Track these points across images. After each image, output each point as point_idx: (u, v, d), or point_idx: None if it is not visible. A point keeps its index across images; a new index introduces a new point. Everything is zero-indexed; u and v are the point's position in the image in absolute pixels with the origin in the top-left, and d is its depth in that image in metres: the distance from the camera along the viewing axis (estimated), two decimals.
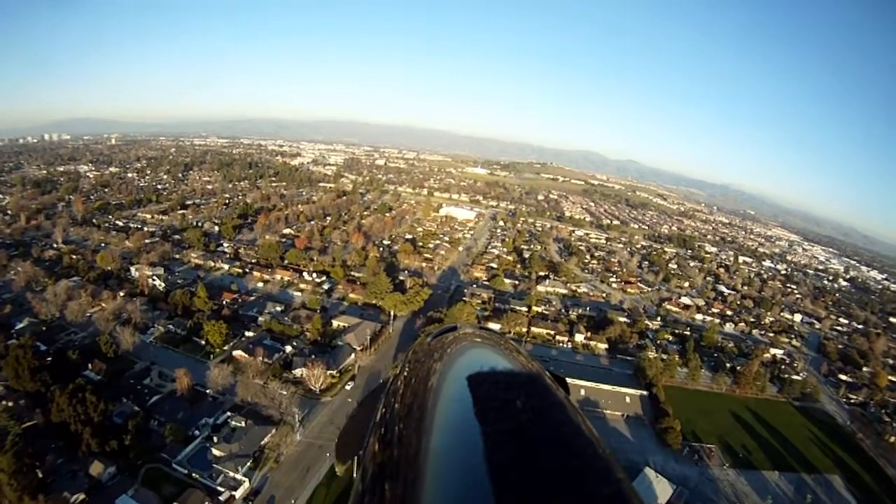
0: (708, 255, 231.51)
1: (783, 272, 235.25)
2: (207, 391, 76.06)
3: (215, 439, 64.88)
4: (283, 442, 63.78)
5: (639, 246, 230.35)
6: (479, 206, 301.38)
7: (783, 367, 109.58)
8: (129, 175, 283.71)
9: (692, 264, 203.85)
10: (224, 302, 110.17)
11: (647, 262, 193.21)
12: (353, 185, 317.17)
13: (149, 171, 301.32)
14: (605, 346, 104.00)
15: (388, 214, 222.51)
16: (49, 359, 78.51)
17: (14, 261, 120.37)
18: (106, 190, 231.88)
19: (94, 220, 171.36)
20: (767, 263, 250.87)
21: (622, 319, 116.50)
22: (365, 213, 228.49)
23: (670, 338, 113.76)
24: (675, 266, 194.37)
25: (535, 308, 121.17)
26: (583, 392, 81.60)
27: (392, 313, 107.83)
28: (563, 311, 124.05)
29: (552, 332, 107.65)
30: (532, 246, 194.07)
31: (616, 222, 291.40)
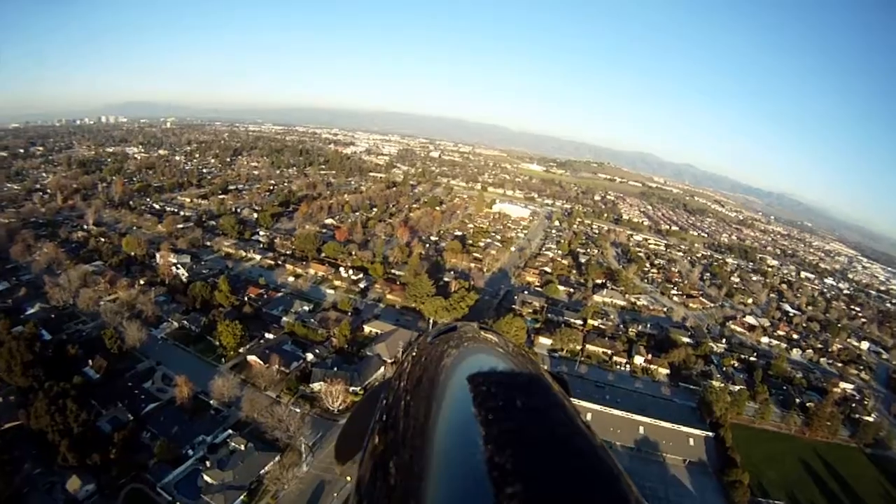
0: (770, 269, 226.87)
1: (846, 292, 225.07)
2: (211, 402, 71.00)
3: (208, 463, 59.10)
4: (287, 474, 56.87)
5: (699, 255, 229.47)
6: (534, 203, 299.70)
7: (853, 405, 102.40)
8: (177, 158, 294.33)
9: (754, 278, 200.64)
10: (248, 297, 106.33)
11: (708, 274, 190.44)
12: (404, 175, 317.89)
13: (197, 155, 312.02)
14: (667, 371, 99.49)
15: (437, 208, 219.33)
16: (50, 351, 76.50)
17: (41, 241, 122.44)
18: (150, 172, 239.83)
19: (130, 203, 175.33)
20: (829, 281, 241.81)
21: (685, 340, 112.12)
22: (414, 205, 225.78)
23: (736, 364, 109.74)
24: (738, 280, 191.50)
25: (590, 322, 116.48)
26: (641, 430, 77.09)
27: (431, 320, 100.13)
28: (621, 326, 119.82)
29: (609, 352, 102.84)
30: (589, 250, 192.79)
31: (675, 228, 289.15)
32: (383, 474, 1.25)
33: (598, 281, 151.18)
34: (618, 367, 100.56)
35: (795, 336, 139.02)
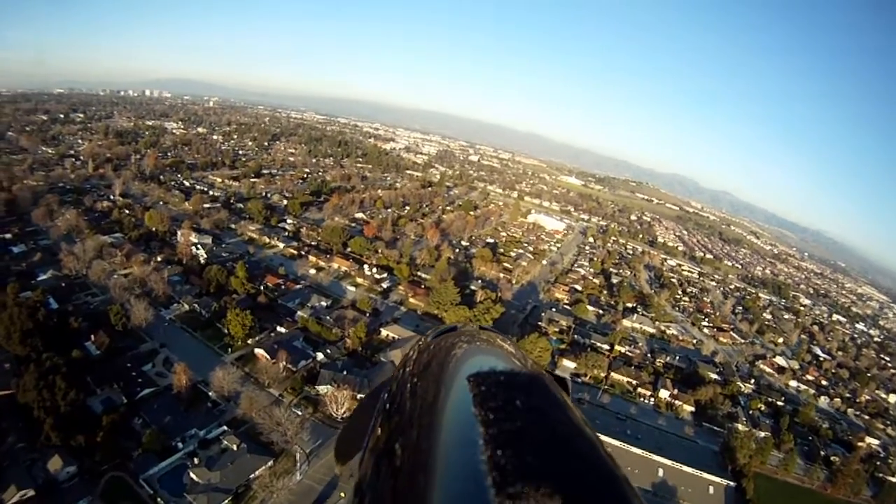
0: (802, 309, 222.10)
1: (877, 339, 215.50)
2: (210, 393, 69.28)
3: (196, 460, 57.06)
4: (278, 482, 54.28)
5: (732, 286, 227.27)
6: (570, 217, 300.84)
7: (878, 462, 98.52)
8: (214, 137, 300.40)
9: (786, 316, 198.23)
10: (265, 286, 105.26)
11: (740, 308, 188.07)
12: (440, 176, 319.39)
13: (235, 136, 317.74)
14: (692, 408, 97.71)
15: (471, 213, 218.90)
16: (55, 320, 76.29)
17: (65, 207, 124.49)
18: (186, 148, 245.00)
19: (160, 177, 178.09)
20: (860, 326, 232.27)
21: (713, 377, 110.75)
22: (448, 207, 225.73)
23: (763, 408, 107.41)
24: (770, 316, 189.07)
25: (617, 348, 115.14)
26: (661, 472, 74.93)
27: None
28: (648, 355, 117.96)
29: (634, 382, 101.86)
30: (621, 270, 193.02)
31: (709, 256, 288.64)
32: (384, 473, 1.29)
33: (629, 304, 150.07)
34: (641, 399, 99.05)
35: (824, 382, 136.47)
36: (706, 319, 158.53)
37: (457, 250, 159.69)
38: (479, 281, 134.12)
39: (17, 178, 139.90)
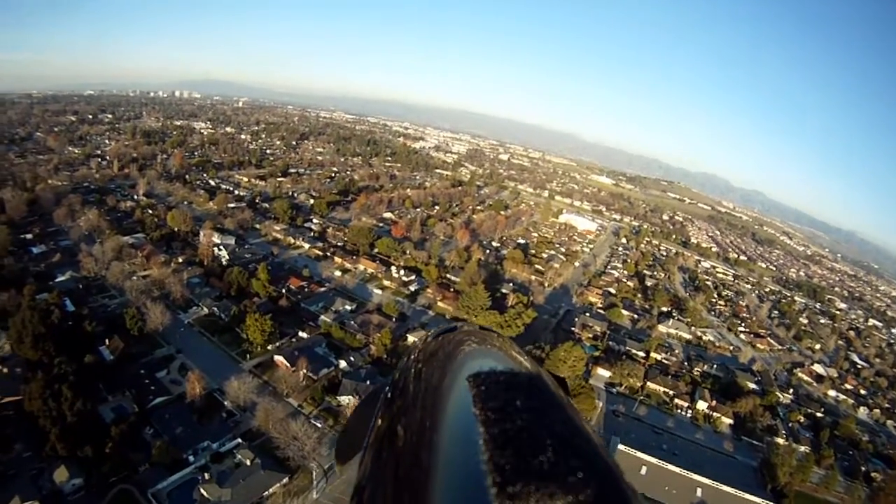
0: (838, 313, 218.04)
1: None
2: (225, 402, 67.81)
3: (207, 475, 55.25)
4: (292, 502, 52.10)
5: (767, 290, 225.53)
6: (602, 217, 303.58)
7: None
8: (242, 136, 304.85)
9: (822, 321, 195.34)
10: (287, 288, 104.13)
11: (776, 312, 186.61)
12: (470, 175, 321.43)
13: (263, 135, 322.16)
14: (731, 421, 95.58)
15: (502, 213, 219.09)
16: (70, 323, 76.33)
17: (87, 207, 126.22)
18: (213, 148, 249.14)
19: (186, 177, 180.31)
20: None
21: (752, 387, 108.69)
22: (478, 207, 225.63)
23: (802, 420, 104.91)
24: (806, 321, 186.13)
25: (653, 355, 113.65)
26: (699, 492, 71.71)
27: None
28: (685, 363, 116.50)
29: (671, 393, 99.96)
30: (655, 273, 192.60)
31: (743, 258, 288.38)
32: (384, 473, 1.33)
33: (664, 309, 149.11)
34: (678, 410, 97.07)
35: (863, 392, 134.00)
36: (742, 324, 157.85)
37: (487, 251, 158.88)
38: (511, 283, 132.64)
39: (41, 178, 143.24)
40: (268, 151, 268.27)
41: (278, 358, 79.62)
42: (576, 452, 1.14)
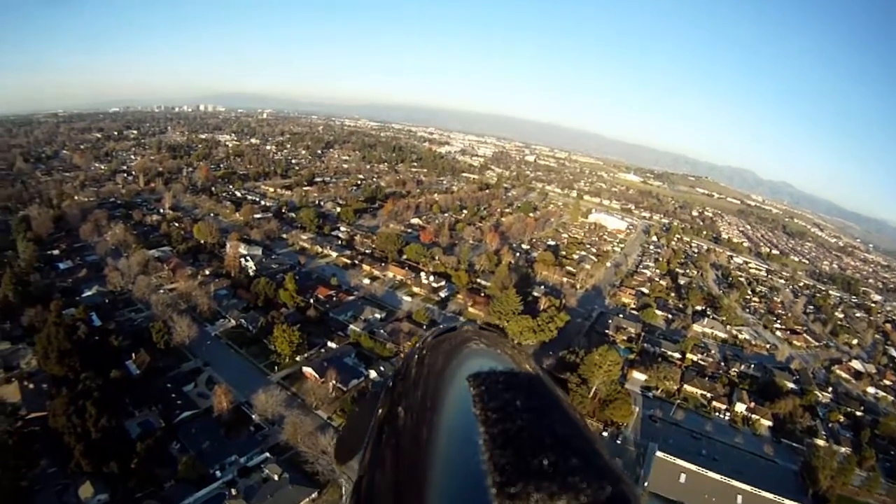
0: (874, 306, 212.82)
1: None
2: (253, 416, 66.70)
3: (234, 491, 53.95)
4: None
5: (801, 284, 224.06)
6: (631, 215, 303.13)
7: None
8: (267, 147, 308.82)
9: (858, 314, 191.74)
10: (315, 298, 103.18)
11: (811, 307, 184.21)
12: (497, 178, 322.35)
13: (288, 146, 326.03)
14: (770, 423, 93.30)
15: (531, 215, 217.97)
16: (96, 338, 76.52)
17: (113, 221, 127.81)
18: (238, 160, 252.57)
19: (212, 189, 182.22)
20: None
21: (790, 386, 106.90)
22: (506, 209, 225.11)
23: (842, 419, 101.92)
24: (841, 315, 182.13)
25: (689, 356, 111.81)
26: (739, 499, 69.20)
27: (515, 342, 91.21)
28: (721, 363, 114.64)
29: (708, 395, 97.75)
30: (688, 271, 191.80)
31: (775, 252, 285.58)
32: (384, 473, 1.34)
33: (698, 307, 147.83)
34: (716, 413, 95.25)
35: None
36: (778, 321, 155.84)
37: (517, 254, 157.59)
38: (542, 286, 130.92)
39: (67, 194, 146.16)
40: (293, 161, 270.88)
41: (307, 369, 78.44)
42: (576, 452, 1.15)
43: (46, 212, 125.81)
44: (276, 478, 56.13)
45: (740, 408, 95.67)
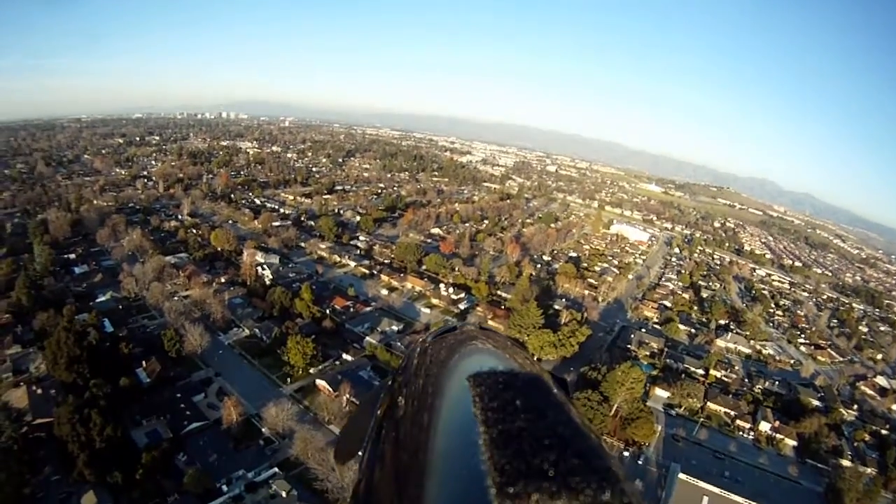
0: None
1: None
2: (263, 429, 65.88)
3: None
4: None
5: (825, 297, 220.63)
6: (653, 226, 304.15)
7: None
8: (288, 155, 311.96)
9: (882, 328, 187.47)
10: (331, 308, 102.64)
11: (835, 321, 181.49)
12: (518, 188, 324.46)
13: (309, 154, 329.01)
14: (794, 442, 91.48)
15: (552, 225, 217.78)
16: (108, 344, 76.52)
17: (131, 227, 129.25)
18: (259, 167, 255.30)
19: (231, 196, 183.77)
20: None
21: (815, 403, 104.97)
22: (527, 220, 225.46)
23: (867, 438, 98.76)
24: (866, 329, 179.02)
25: (713, 372, 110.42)
26: None
27: (535, 357, 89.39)
28: (745, 380, 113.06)
29: (732, 413, 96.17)
30: (711, 283, 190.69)
31: (798, 264, 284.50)
32: (384, 473, 1.36)
33: (721, 322, 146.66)
34: (740, 432, 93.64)
35: None
36: (802, 335, 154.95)
37: (538, 266, 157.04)
38: (563, 299, 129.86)
39: (86, 198, 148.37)
40: (314, 169, 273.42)
41: (320, 382, 77.54)
42: (576, 453, 1.16)
43: (64, 216, 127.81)
44: (283, 494, 55.00)
45: (764, 427, 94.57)
